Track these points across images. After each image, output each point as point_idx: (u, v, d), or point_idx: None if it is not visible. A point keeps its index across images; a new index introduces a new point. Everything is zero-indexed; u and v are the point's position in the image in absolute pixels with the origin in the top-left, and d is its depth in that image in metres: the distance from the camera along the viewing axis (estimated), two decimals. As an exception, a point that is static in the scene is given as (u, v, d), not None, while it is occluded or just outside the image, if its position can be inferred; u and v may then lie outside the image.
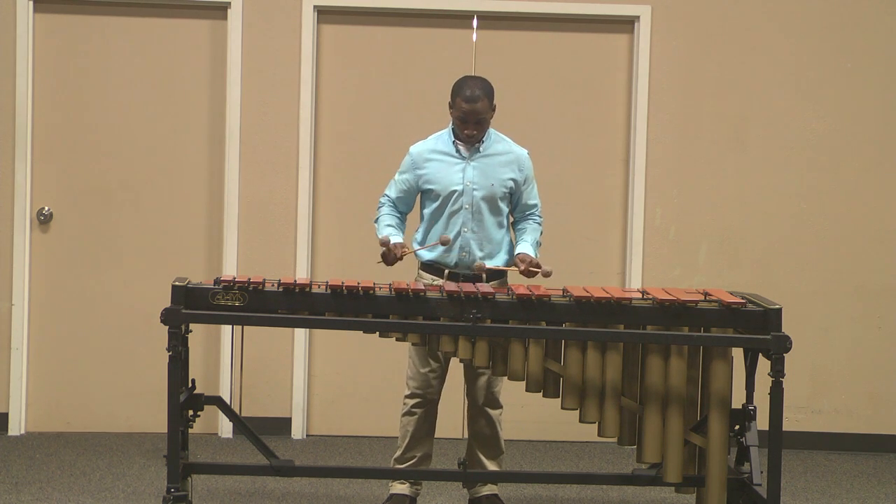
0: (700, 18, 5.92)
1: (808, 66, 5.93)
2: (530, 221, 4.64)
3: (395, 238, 4.49)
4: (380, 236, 4.49)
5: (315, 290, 4.06)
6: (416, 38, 5.97)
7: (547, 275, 4.34)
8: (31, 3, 5.81)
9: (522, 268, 4.41)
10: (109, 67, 5.92)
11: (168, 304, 4.02)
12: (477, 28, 5.96)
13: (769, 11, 5.92)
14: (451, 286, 4.11)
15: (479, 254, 4.53)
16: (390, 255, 4.42)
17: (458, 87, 4.50)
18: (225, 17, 5.88)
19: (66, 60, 5.90)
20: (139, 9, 5.91)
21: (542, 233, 4.65)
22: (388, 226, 4.56)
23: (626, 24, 5.95)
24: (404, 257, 4.45)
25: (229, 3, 5.84)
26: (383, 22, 5.96)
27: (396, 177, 4.64)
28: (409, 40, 5.97)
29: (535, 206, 4.66)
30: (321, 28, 5.94)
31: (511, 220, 4.69)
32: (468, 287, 4.12)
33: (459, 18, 5.96)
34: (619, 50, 5.98)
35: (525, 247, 4.53)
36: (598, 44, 5.98)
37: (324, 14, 5.93)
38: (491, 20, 5.96)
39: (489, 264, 4.51)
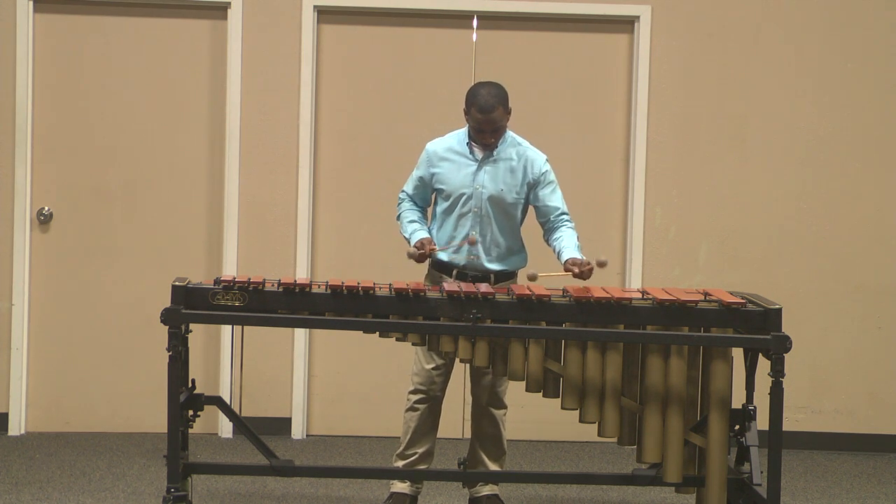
0: (700, 18, 5.92)
1: (808, 66, 5.94)
2: (564, 227, 4.51)
3: (422, 234, 4.49)
4: (406, 235, 4.51)
5: (315, 290, 4.06)
6: (416, 38, 5.97)
7: (602, 265, 4.29)
8: (31, 3, 5.81)
9: (577, 271, 4.27)
10: (109, 67, 5.92)
11: (168, 304, 4.02)
12: (477, 28, 5.96)
13: (769, 12, 5.92)
14: (452, 286, 4.11)
15: (485, 257, 4.52)
16: (417, 255, 4.40)
17: (472, 97, 4.44)
18: (225, 17, 5.88)
19: (66, 60, 5.90)
20: (139, 9, 5.91)
21: (577, 236, 4.50)
22: (412, 221, 4.55)
23: (626, 24, 5.95)
24: (429, 255, 4.44)
25: (229, 3, 5.85)
26: (383, 22, 5.96)
27: (413, 172, 4.63)
28: (409, 40, 5.97)
29: (560, 209, 4.53)
30: (321, 28, 5.94)
31: (542, 229, 4.59)
32: (468, 287, 4.12)
33: (459, 18, 5.96)
34: (619, 50, 5.98)
35: (571, 252, 4.37)
36: (598, 44, 5.98)
37: (324, 14, 5.93)
38: (491, 20, 5.96)
39: (495, 267, 4.50)
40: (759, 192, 5.96)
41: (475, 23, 5.96)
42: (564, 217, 4.54)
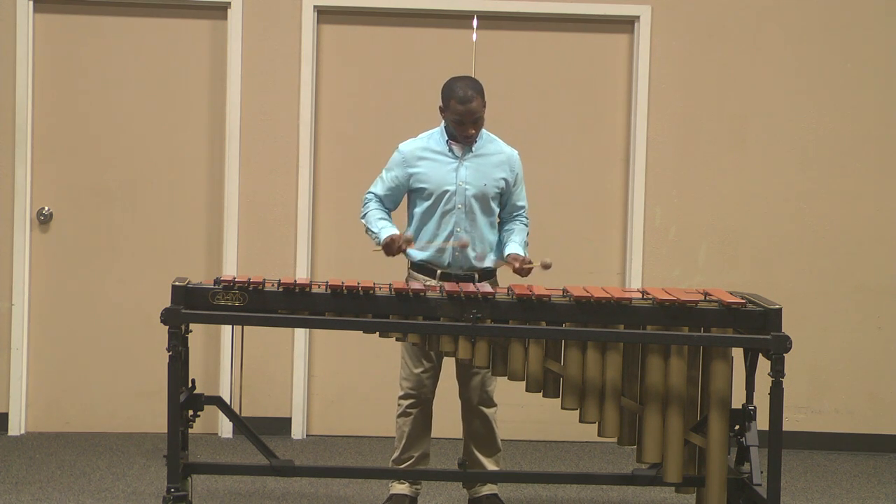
0: (700, 18, 5.92)
1: (808, 66, 5.93)
2: (517, 223, 4.65)
3: (392, 230, 4.49)
4: (374, 230, 4.50)
5: (315, 290, 4.06)
6: (416, 38, 5.97)
7: (547, 266, 4.35)
8: (31, 3, 5.81)
9: (517, 265, 4.42)
10: (109, 67, 5.92)
11: (168, 304, 4.02)
12: (477, 28, 5.96)
13: (769, 12, 5.92)
14: (452, 286, 4.11)
15: (471, 254, 4.53)
16: (394, 247, 4.41)
17: (450, 90, 4.48)
18: (225, 17, 5.88)
19: (66, 60, 5.90)
20: (139, 9, 5.91)
21: (528, 234, 4.66)
22: (382, 219, 4.54)
23: (626, 24, 5.95)
24: (404, 250, 4.45)
25: (229, 3, 5.85)
26: (383, 22, 5.96)
27: (384, 174, 4.62)
28: (409, 40, 5.97)
29: (523, 207, 4.67)
30: (321, 28, 5.94)
31: (498, 220, 4.70)
32: (468, 287, 4.12)
33: (459, 18, 5.96)
34: (619, 50, 5.98)
35: (514, 247, 4.54)
36: (598, 44, 5.98)
37: (324, 14, 5.93)
38: (491, 20, 5.96)
39: (480, 264, 4.52)
40: (759, 192, 5.96)
41: (475, 23, 5.96)
42: (523, 212, 4.68)
